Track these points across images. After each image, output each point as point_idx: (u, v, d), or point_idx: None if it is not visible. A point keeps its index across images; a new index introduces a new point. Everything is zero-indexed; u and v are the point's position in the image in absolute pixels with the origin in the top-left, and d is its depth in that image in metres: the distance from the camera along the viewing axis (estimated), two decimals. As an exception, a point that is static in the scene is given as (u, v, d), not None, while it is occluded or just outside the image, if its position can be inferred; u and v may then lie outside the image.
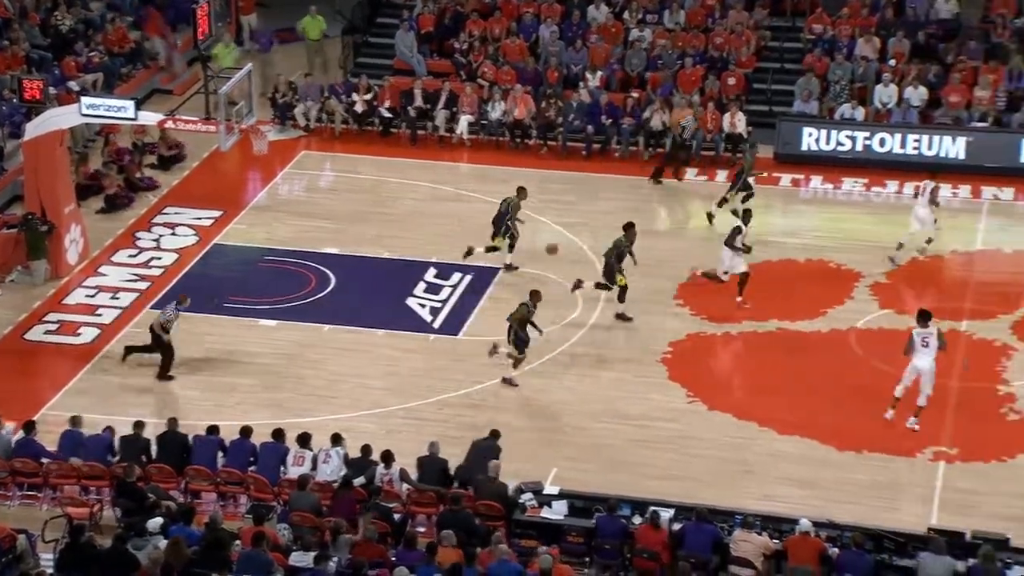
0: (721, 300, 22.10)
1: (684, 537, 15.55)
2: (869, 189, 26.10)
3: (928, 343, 18.46)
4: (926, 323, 18.63)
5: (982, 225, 24.47)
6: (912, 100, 26.99)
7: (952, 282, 22.77)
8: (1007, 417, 19.00)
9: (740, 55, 28.69)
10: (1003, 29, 27.91)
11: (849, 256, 23.42)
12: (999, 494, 17.35)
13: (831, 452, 18.44)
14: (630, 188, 26.29)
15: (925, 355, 18.43)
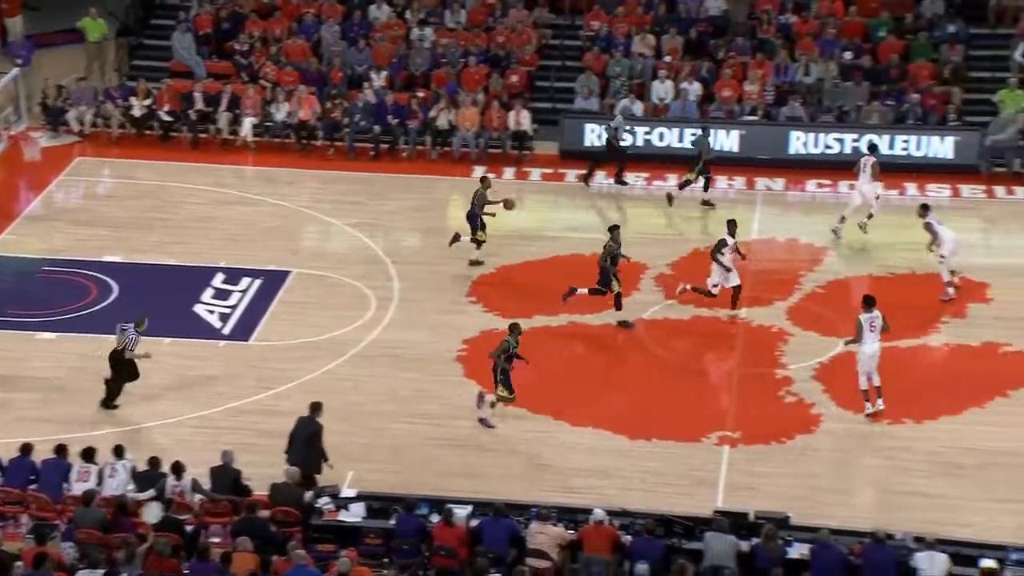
0: (513, 295, 22.37)
1: (482, 532, 15.70)
2: (651, 183, 26.77)
3: (875, 327, 18.91)
4: (871, 308, 18.99)
5: (757, 215, 25.36)
6: (689, 95, 27.82)
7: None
8: (785, 400, 19.71)
9: (522, 53, 29.07)
10: (768, 25, 29.02)
11: (634, 249, 23.89)
12: (780, 475, 18.00)
13: (623, 441, 18.85)
14: (419, 187, 26.35)
15: (874, 339, 18.87)
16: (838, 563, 15.02)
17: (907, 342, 20.67)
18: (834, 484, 17.73)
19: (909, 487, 17.55)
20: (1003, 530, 16.42)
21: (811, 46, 28.29)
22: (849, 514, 16.91)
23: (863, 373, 18.94)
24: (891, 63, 27.72)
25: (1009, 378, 19.71)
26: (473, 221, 23.03)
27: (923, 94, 27.02)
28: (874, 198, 23.86)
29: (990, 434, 18.50)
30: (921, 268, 22.67)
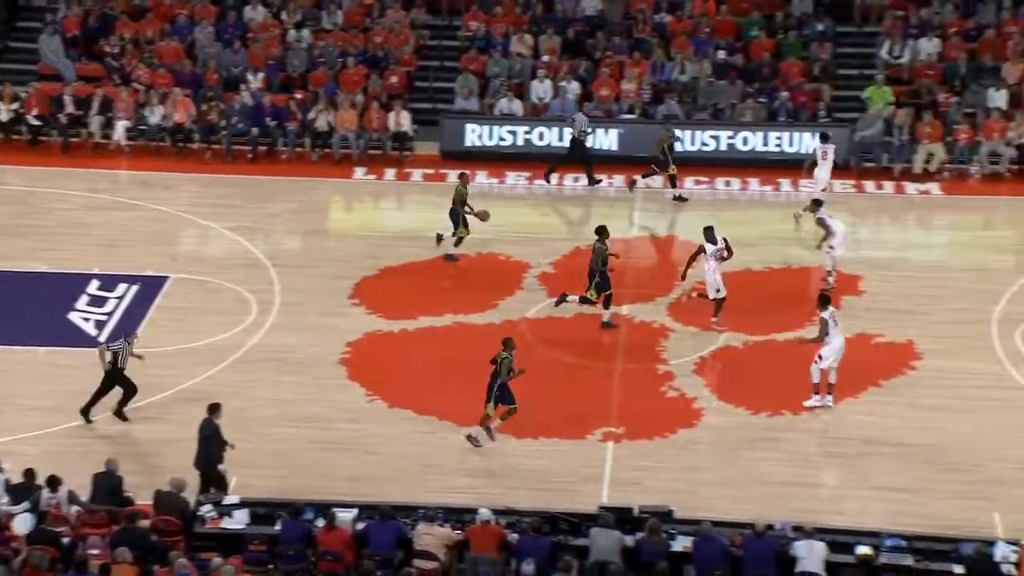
0: (396, 297, 22.29)
1: (368, 535, 15.61)
2: (532, 182, 26.90)
3: (838, 321, 19.10)
4: (827, 305, 19.20)
5: (636, 212, 25.64)
6: (568, 94, 28.00)
7: (613, 269, 23.70)
8: (667, 395, 19.94)
9: (401, 54, 28.99)
10: (644, 25, 29.36)
11: (517, 248, 24.05)
12: (664, 468, 18.18)
13: (509, 440, 18.88)
14: (299, 190, 26.13)
15: (838, 332, 19.07)
16: (720, 554, 15.24)
17: (784, 335, 21.04)
18: (716, 477, 17.97)
19: (788, 477, 17.85)
20: (877, 516, 16.79)
21: (686, 45, 28.68)
22: (731, 506, 17.16)
23: (825, 365, 19.03)
24: (763, 61, 28.24)
25: (881, 368, 20.17)
26: (454, 218, 23.05)
27: (794, 91, 27.56)
28: (824, 184, 24.18)
29: (864, 423, 18.91)
30: (796, 262, 23.10)
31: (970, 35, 28.04)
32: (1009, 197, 24.94)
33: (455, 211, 23.09)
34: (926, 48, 27.85)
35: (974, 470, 17.63)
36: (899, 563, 15.03)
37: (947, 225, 24.70)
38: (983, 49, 27.64)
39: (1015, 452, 17.55)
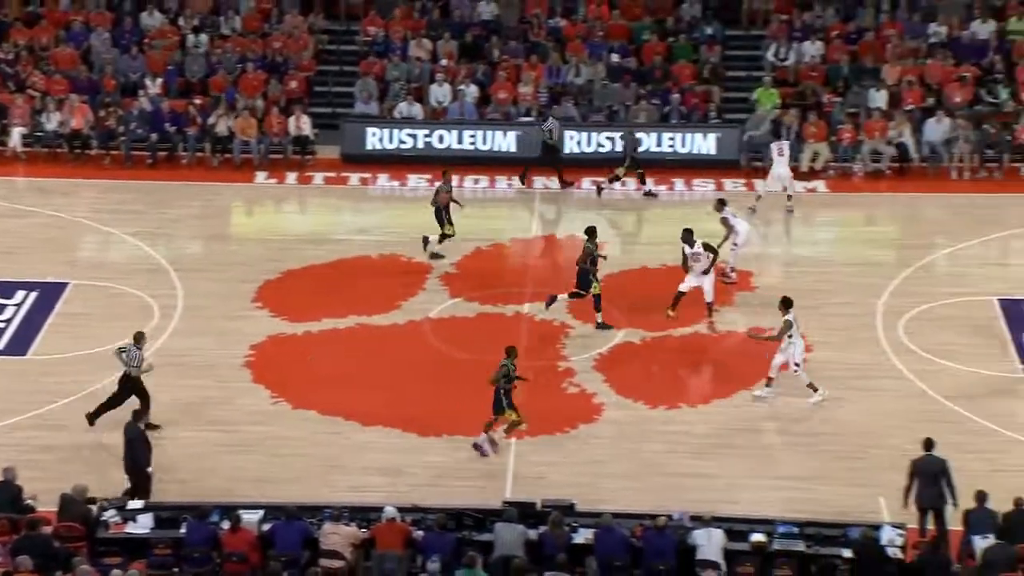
0: (299, 300, 22.13)
1: (274, 536, 15.49)
2: (433, 184, 26.83)
3: (799, 324, 19.22)
4: (791, 307, 19.30)
5: (536, 213, 25.75)
6: (466, 97, 28.04)
7: (514, 268, 23.84)
8: (568, 391, 20.05)
9: (300, 59, 28.79)
10: (539, 29, 29.50)
11: (419, 249, 24.00)
12: (566, 463, 18.27)
13: (414, 439, 18.83)
14: (200, 195, 25.83)
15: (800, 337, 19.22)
16: (621, 545, 15.36)
17: (681, 331, 21.28)
18: (616, 470, 18.12)
19: (686, 469, 18.06)
20: (771, 505, 17.05)
21: (580, 48, 28.87)
22: (631, 498, 17.31)
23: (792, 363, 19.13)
24: (655, 64, 28.53)
25: (773, 360, 20.47)
26: (439, 217, 22.95)
27: (685, 93, 27.89)
28: (790, 180, 24.41)
29: (760, 414, 19.19)
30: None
31: (851, 38, 28.62)
32: (890, 194, 25.49)
33: (439, 211, 23.03)
34: (810, 51, 28.36)
35: (862, 458, 17.99)
36: (791, 549, 15.29)
37: (832, 221, 25.17)
38: (863, 51, 28.22)
39: (899, 439, 17.93)
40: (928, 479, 16.10)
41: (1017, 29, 28.15)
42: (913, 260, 23.04)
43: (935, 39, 28.19)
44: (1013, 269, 22.83)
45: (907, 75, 27.35)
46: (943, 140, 26.24)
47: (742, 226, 22.26)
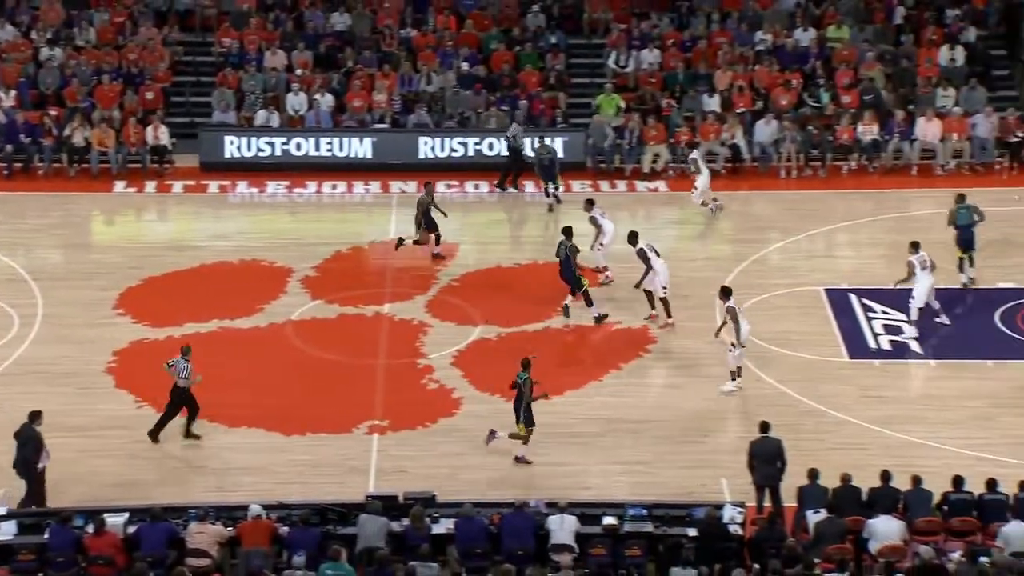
0: (161, 306, 21.71)
1: (140, 538, 15.18)
2: (291, 190, 26.61)
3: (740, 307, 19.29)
4: (730, 296, 19.30)
5: (393, 216, 25.66)
6: (322, 106, 27.81)
7: (373, 270, 23.73)
8: (428, 387, 20.06)
9: (156, 70, 28.22)
10: (391, 39, 29.42)
11: (279, 254, 23.77)
12: (426, 456, 18.27)
13: (278, 438, 18.64)
14: (58, 205, 25.13)
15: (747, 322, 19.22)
16: (480, 533, 15.44)
17: (533, 326, 21.45)
18: (475, 461, 18.17)
19: (542, 458, 18.19)
20: (621, 488, 17.33)
21: (431, 58, 28.87)
22: (489, 487, 17.40)
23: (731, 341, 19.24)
24: (503, 72, 28.68)
25: (621, 352, 20.76)
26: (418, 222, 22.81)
27: (533, 99, 28.10)
28: (707, 187, 24.47)
29: (608, 404, 19.43)
30: (542, 258, 23.58)
31: (685, 46, 29.16)
32: (725, 192, 26.03)
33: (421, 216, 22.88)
34: (648, 58, 28.82)
35: (703, 441, 18.36)
36: (640, 530, 15.54)
37: (673, 219, 25.63)
38: (696, 58, 28.78)
39: (737, 422, 18.36)
40: (765, 459, 16.52)
41: (836, 37, 29.03)
42: (747, 254, 23.60)
43: (762, 47, 28.91)
44: (837, 261, 23.54)
45: (737, 81, 27.99)
46: (772, 141, 26.92)
47: (609, 226, 22.48)
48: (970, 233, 21.84)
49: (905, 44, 28.73)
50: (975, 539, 15.33)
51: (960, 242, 21.90)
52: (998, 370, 19.77)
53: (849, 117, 26.90)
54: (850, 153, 26.71)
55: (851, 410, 18.91)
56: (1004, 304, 21.28)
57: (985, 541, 15.22)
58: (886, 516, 15.28)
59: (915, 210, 24.43)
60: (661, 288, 20.91)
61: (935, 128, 26.43)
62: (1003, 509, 15.43)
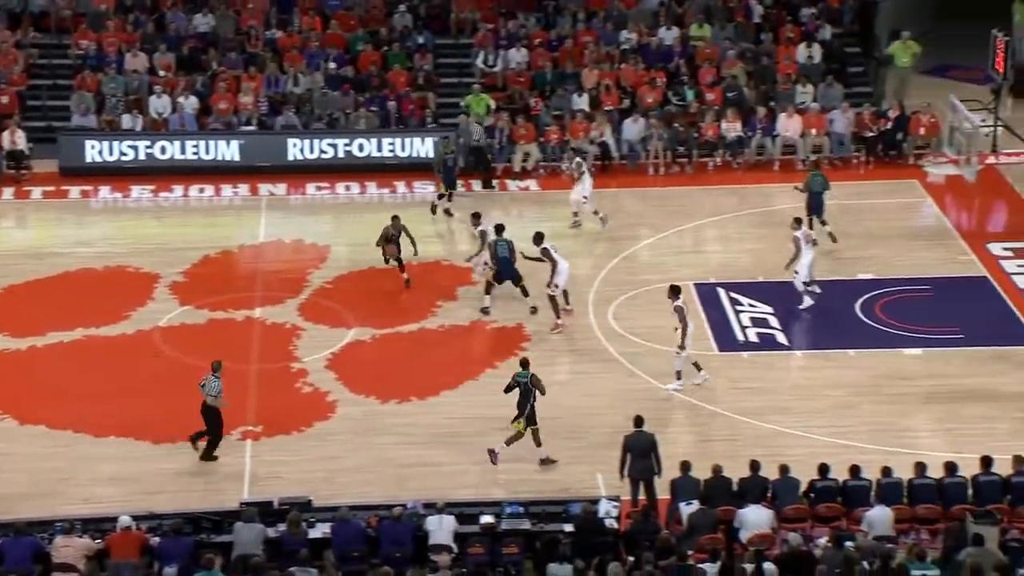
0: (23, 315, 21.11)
1: (3, 553, 14.75)
2: (157, 195, 26.13)
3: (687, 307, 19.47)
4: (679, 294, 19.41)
5: (263, 219, 25.37)
6: (186, 108, 27.34)
7: (243, 274, 23.42)
8: (302, 391, 19.89)
9: (10, 73, 27.43)
10: (256, 40, 29.06)
11: (145, 259, 23.36)
12: (302, 461, 18.14)
13: (148, 447, 18.33)
14: None
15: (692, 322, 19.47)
16: (358, 536, 15.38)
17: (408, 327, 21.42)
18: (351, 464, 18.09)
19: (419, 459, 18.18)
20: (498, 487, 17.43)
21: (298, 59, 28.60)
22: (366, 490, 17.34)
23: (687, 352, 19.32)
24: (371, 72, 28.55)
25: (496, 351, 20.85)
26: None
27: (402, 100, 28.03)
28: (581, 201, 24.24)
29: (485, 403, 19.47)
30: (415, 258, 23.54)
31: (552, 45, 29.39)
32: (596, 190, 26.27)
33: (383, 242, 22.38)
34: (516, 57, 28.97)
35: (579, 437, 18.54)
36: (518, 528, 15.64)
37: (544, 217, 25.80)
38: (563, 58, 29.03)
39: (612, 418, 18.58)
40: (639, 453, 16.76)
41: (698, 35, 29.56)
42: (619, 251, 23.90)
43: (627, 45, 29.29)
44: (705, 256, 23.98)
45: (604, 79, 28.32)
46: (639, 139, 27.30)
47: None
48: (820, 200, 23.13)
49: (765, 42, 29.39)
50: (840, 524, 15.78)
51: (811, 207, 23.11)
52: (859, 359, 20.37)
53: (713, 114, 27.42)
54: (715, 150, 27.24)
55: (721, 402, 19.29)
56: (864, 295, 21.93)
57: (850, 526, 15.68)
58: (755, 505, 15.64)
59: (778, 204, 25.01)
60: (554, 286, 20.97)
61: (795, 124, 27.10)
62: (866, 494, 15.91)
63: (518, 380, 17.90)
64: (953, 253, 23.46)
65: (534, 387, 17.73)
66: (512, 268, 21.46)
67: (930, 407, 19.10)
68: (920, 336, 20.80)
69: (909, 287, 22.28)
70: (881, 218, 24.90)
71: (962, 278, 22.62)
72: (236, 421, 18.88)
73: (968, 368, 19.96)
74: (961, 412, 18.89)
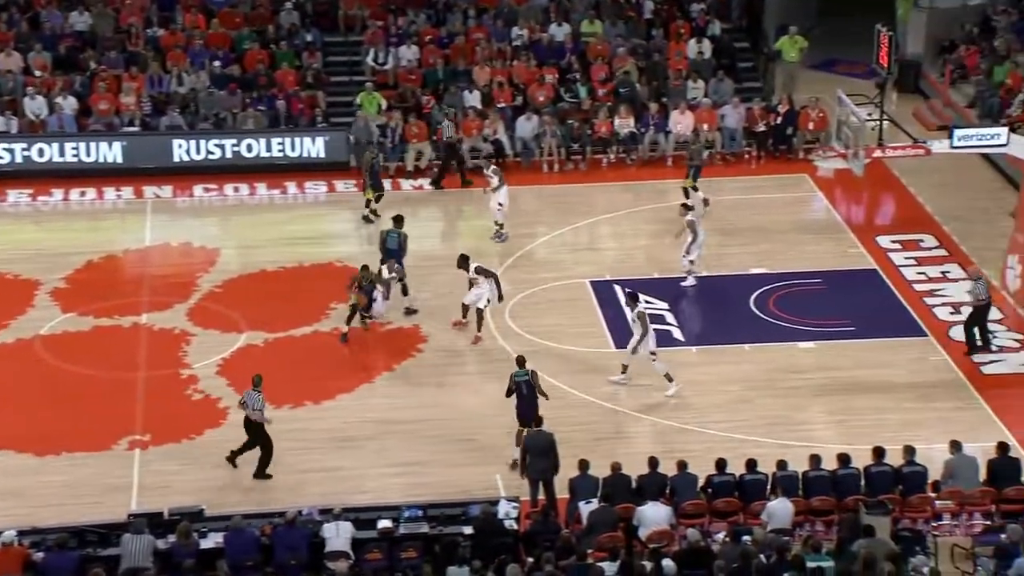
0: None
1: None
2: (35, 199, 25.49)
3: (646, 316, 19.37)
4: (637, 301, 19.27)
5: (148, 222, 24.89)
6: (65, 109, 26.71)
7: (129, 279, 22.96)
8: (192, 398, 19.56)
9: None
10: (137, 38, 28.49)
11: (24, 266, 22.79)
12: (192, 469, 17.84)
13: (30, 459, 17.89)
14: None
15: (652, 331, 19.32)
16: (251, 545, 15.16)
17: (301, 330, 21.20)
18: (244, 471, 17.82)
19: (314, 464, 18.00)
20: (396, 491, 17.32)
21: (181, 57, 28.12)
22: (260, 497, 17.11)
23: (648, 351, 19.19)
24: (259, 71, 28.18)
25: (393, 354, 20.73)
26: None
27: (291, 99, 27.72)
28: (498, 205, 23.94)
29: (380, 405, 19.39)
30: (308, 260, 23.35)
31: (443, 42, 29.32)
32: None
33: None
34: (406, 55, 28.83)
35: (476, 438, 18.51)
36: (416, 531, 15.56)
37: (439, 217, 25.74)
38: (455, 54, 28.98)
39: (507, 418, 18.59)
40: (538, 452, 16.78)
41: (589, 31, 29.74)
42: (514, 250, 23.91)
43: (518, 42, 29.34)
44: (600, 253, 24.12)
45: (496, 76, 28.33)
46: (533, 136, 27.37)
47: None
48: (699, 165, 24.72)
49: (656, 38, 29.67)
50: (738, 519, 15.99)
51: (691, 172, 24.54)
52: (754, 353, 20.67)
53: (606, 111, 27.60)
54: (608, 146, 27.42)
55: (619, 400, 19.42)
56: (758, 289, 22.26)
57: (747, 520, 15.89)
58: (654, 502, 15.76)
59: (672, 200, 25.25)
60: (486, 301, 20.77)
61: (688, 120, 27.41)
62: (763, 488, 16.14)
63: (517, 380, 17.67)
64: (843, 246, 23.94)
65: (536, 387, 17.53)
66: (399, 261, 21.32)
67: (823, 399, 19.46)
68: (813, 329, 21.18)
69: (801, 281, 22.67)
70: (772, 213, 25.31)
71: (853, 271, 23.09)
72: (123, 430, 18.54)
73: (860, 360, 20.38)
74: (854, 404, 19.28)
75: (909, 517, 16.01)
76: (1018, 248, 21.92)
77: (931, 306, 21.83)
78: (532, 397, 17.56)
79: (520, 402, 17.63)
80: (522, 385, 17.64)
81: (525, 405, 17.56)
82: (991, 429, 18.45)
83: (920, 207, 25.37)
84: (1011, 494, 16.05)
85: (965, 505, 16.12)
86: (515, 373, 17.80)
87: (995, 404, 19.20)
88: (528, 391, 17.60)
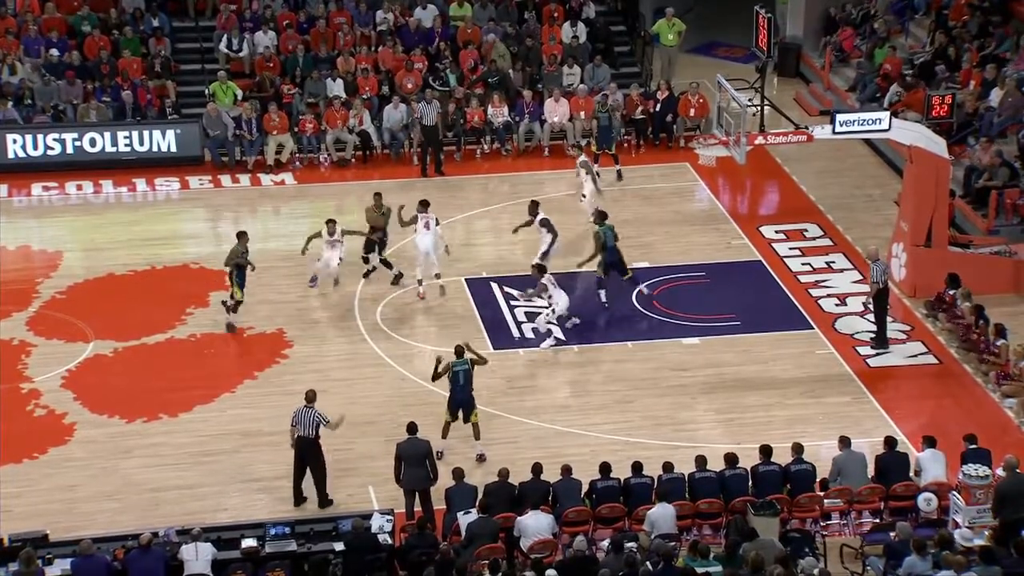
0: None
1: None
2: None
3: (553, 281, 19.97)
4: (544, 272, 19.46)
5: (-18, 225, 24.29)
6: None
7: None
8: (35, 413, 19.11)
9: None
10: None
11: None
12: (35, 491, 17.44)
13: None
14: None
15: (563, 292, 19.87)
16: (101, 571, 14.86)
17: (155, 337, 20.85)
18: (93, 491, 17.47)
19: (170, 482, 17.72)
20: (260, 507, 17.13)
21: (13, 45, 27.39)
22: (112, 519, 16.78)
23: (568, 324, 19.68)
24: (100, 59, 27.58)
25: (256, 360, 20.51)
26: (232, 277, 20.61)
27: (138, 88, 27.20)
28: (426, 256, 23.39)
29: (243, 416, 19.15)
30: (161, 262, 22.93)
31: (303, 27, 29.05)
32: (357, 182, 26.17)
33: (232, 272, 20.77)
34: (263, 41, 28.51)
35: (348, 448, 18.39)
36: (284, 550, 15.41)
37: (303, 213, 25.50)
38: (316, 40, 28.74)
39: (384, 425, 18.51)
40: (413, 462, 16.73)
41: (458, 15, 29.73)
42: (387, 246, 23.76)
43: (383, 27, 29.21)
44: (476, 249, 24.13)
45: (361, 63, 28.17)
46: (401, 126, 27.27)
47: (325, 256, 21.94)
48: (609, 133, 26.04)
49: (529, 22, 29.80)
50: (622, 525, 16.14)
51: (600, 140, 25.97)
52: (637, 351, 20.90)
53: (478, 99, 27.62)
54: (482, 136, 27.44)
55: (498, 403, 19.46)
56: (640, 284, 22.47)
57: (632, 526, 16.05)
58: (535, 511, 15.82)
59: (550, 192, 25.41)
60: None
61: (563, 108, 27.57)
62: (648, 492, 16.31)
63: (455, 370, 17.66)
64: (727, 237, 24.34)
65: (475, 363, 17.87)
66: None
67: (710, 397, 19.76)
68: (697, 324, 21.49)
69: (684, 274, 22.99)
70: (654, 204, 25.62)
71: (737, 263, 23.48)
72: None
73: (746, 356, 20.74)
74: (741, 401, 19.61)
75: (798, 517, 16.33)
76: (902, 236, 22.54)
77: (816, 297, 22.33)
78: (467, 387, 17.74)
79: (454, 391, 17.77)
80: (460, 375, 17.76)
81: (460, 394, 17.71)
82: (879, 424, 18.93)
83: (804, 195, 25.94)
84: (899, 490, 16.47)
85: (854, 503, 16.50)
86: (454, 362, 17.88)
87: (882, 397, 19.71)
88: (465, 380, 17.76)
